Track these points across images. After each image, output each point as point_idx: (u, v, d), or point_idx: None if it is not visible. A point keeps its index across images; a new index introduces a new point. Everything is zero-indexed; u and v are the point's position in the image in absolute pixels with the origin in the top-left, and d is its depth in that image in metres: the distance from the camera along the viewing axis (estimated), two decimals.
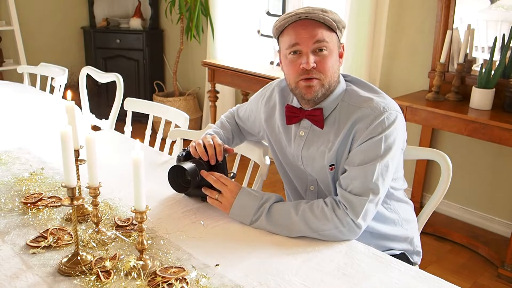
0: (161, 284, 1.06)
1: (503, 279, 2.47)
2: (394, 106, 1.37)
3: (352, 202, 1.28)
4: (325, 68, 1.35)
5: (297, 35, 1.34)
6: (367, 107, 1.34)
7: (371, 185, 1.29)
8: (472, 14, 2.76)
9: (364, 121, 1.33)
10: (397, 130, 1.34)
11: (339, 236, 1.28)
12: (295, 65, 1.36)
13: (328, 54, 1.35)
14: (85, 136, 1.18)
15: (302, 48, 1.34)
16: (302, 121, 1.45)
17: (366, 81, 1.46)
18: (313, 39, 1.32)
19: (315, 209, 1.30)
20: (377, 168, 1.30)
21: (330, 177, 1.42)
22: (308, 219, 1.28)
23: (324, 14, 1.32)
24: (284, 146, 1.52)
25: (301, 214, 1.29)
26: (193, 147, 1.48)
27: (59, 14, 4.62)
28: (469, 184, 2.92)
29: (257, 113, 1.62)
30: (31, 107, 2.67)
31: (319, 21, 1.33)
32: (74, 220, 1.13)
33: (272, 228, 1.31)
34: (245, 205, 1.35)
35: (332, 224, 1.27)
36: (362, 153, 1.32)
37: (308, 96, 1.37)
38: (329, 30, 1.35)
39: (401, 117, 1.37)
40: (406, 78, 3.05)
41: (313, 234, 1.28)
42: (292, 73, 1.38)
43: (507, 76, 2.56)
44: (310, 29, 1.33)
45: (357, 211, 1.28)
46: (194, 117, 4.37)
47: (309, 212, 1.29)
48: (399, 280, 1.12)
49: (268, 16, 3.97)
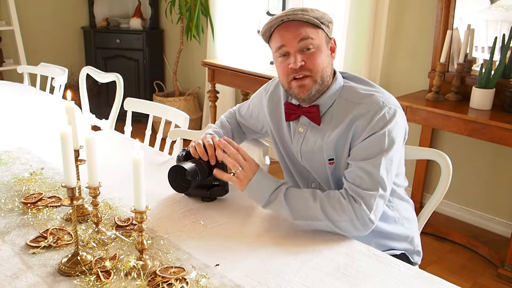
0: (161, 284, 1.06)
1: (503, 279, 2.47)
2: (393, 100, 1.39)
3: (364, 197, 1.29)
4: (314, 64, 1.37)
5: (282, 38, 1.38)
6: (366, 103, 1.35)
7: (379, 179, 1.31)
8: (472, 14, 2.76)
9: (365, 117, 1.34)
10: (398, 124, 1.35)
11: (351, 230, 1.29)
12: (284, 66, 1.39)
13: (315, 50, 1.37)
14: (85, 136, 1.18)
15: (289, 49, 1.37)
16: (301, 117, 1.46)
17: (363, 78, 1.48)
18: (297, 38, 1.35)
19: (332, 199, 1.31)
20: (383, 162, 1.31)
21: (329, 172, 1.43)
22: (325, 207, 1.29)
23: (304, 13, 1.34)
24: (287, 142, 1.54)
25: (319, 201, 1.30)
26: (193, 147, 1.48)
27: (59, 14, 4.62)
28: (469, 184, 2.92)
29: (260, 108, 1.63)
30: (31, 107, 2.67)
31: (302, 21, 1.35)
32: (74, 220, 1.13)
33: (286, 210, 1.32)
34: (263, 183, 1.35)
35: (347, 216, 1.28)
36: (367, 149, 1.33)
37: (301, 95, 1.40)
38: (313, 27, 1.37)
39: (400, 111, 1.38)
40: (406, 78, 3.05)
41: (327, 223, 1.29)
42: (283, 74, 1.41)
43: (507, 76, 2.56)
44: (293, 30, 1.36)
45: (369, 205, 1.29)
46: (194, 117, 4.37)
47: (326, 201, 1.30)
48: (399, 280, 1.12)
49: (268, 16, 3.96)
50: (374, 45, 3.06)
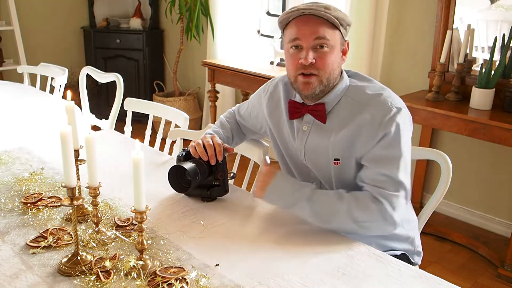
0: (161, 284, 1.06)
1: (503, 279, 2.47)
2: (399, 100, 1.40)
3: (388, 198, 1.30)
4: (324, 65, 1.36)
5: (298, 30, 1.36)
6: (374, 104, 1.36)
7: (400, 181, 1.32)
8: (472, 14, 2.76)
9: (374, 119, 1.34)
10: (407, 124, 1.37)
11: (376, 230, 1.32)
12: (295, 59, 1.38)
13: (328, 51, 1.36)
14: (85, 136, 1.18)
15: (303, 43, 1.36)
16: (305, 116, 1.46)
17: (367, 76, 1.48)
18: (314, 36, 1.34)
19: (360, 199, 1.31)
20: (401, 163, 1.33)
21: (333, 172, 1.43)
22: (352, 209, 1.30)
23: (326, 11, 1.33)
24: (288, 141, 1.53)
25: (347, 202, 1.31)
26: (193, 147, 1.48)
27: (59, 14, 4.62)
28: (469, 184, 2.92)
29: (259, 109, 1.62)
30: (31, 107, 2.67)
31: (322, 18, 1.34)
32: (74, 220, 1.13)
33: (312, 214, 1.32)
34: (283, 187, 1.36)
35: (375, 216, 1.29)
36: (383, 151, 1.33)
37: (305, 92, 1.39)
38: (331, 27, 1.35)
39: (407, 110, 1.40)
40: (406, 78, 3.05)
41: (352, 225, 1.30)
42: (291, 67, 1.40)
43: (507, 76, 2.56)
44: (312, 25, 1.34)
45: (394, 206, 1.30)
46: (194, 117, 4.37)
47: (354, 202, 1.31)
48: (399, 280, 1.12)
49: (268, 16, 3.97)
50: (374, 45, 3.06)
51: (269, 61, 3.62)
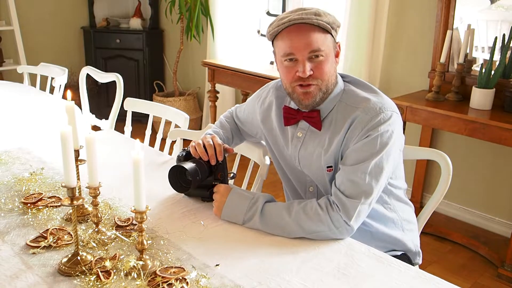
0: (161, 284, 1.06)
1: (503, 279, 2.47)
2: (391, 106, 1.36)
3: (345, 205, 1.28)
4: (322, 74, 1.34)
5: (292, 44, 1.33)
6: (363, 108, 1.34)
7: (364, 187, 1.29)
8: (472, 14, 2.76)
9: (360, 122, 1.32)
10: (394, 130, 1.33)
11: (331, 237, 1.29)
12: (291, 71, 1.36)
13: (324, 59, 1.34)
14: (85, 136, 1.18)
15: (298, 57, 1.33)
16: (300, 122, 1.45)
17: (365, 81, 1.45)
18: (308, 49, 1.31)
19: (308, 211, 1.29)
20: (370, 167, 1.29)
21: (327, 179, 1.42)
22: (301, 221, 1.28)
23: (318, 18, 1.31)
24: (282, 148, 1.52)
25: (295, 216, 1.29)
26: (193, 147, 1.48)
27: (59, 14, 4.62)
28: (469, 184, 2.92)
29: (254, 115, 1.62)
30: (31, 107, 2.67)
31: (313, 25, 1.32)
32: (74, 220, 1.12)
33: (265, 228, 1.32)
34: (236, 205, 1.35)
35: (326, 226, 1.27)
36: (356, 152, 1.31)
37: (306, 102, 1.37)
38: (323, 32, 1.33)
39: (397, 116, 1.36)
40: (406, 78, 3.05)
41: (306, 235, 1.29)
42: (288, 79, 1.38)
43: (507, 76, 2.56)
44: (304, 36, 1.31)
45: (350, 213, 1.28)
46: (194, 117, 4.37)
47: (303, 214, 1.29)
48: (399, 280, 1.12)
49: (268, 16, 3.96)
50: (374, 45, 3.06)
51: (269, 61, 3.62)
